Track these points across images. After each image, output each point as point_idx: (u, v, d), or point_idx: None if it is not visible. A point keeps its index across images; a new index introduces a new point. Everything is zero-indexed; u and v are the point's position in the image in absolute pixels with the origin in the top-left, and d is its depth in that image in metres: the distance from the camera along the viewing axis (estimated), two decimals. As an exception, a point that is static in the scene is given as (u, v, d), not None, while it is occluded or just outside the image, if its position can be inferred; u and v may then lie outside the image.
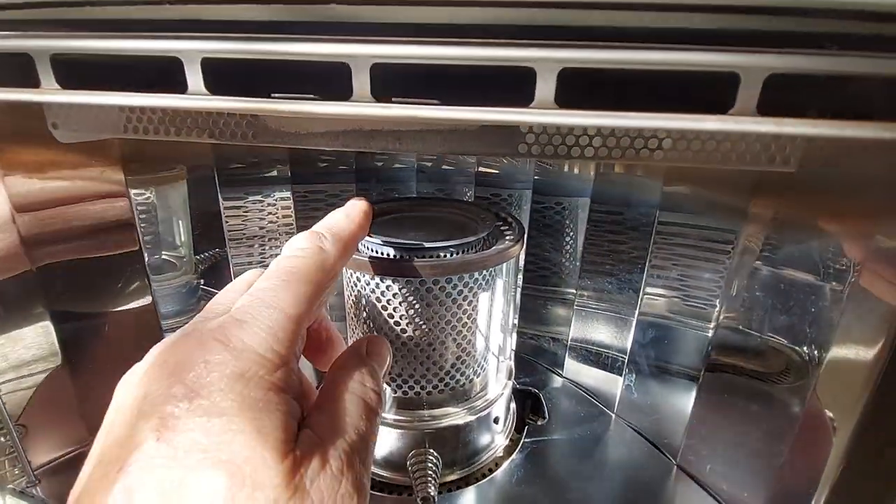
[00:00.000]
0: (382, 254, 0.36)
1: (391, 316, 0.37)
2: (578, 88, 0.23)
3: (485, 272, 0.38)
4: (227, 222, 0.51)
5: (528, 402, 0.50)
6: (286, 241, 0.54)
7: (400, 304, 0.37)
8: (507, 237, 0.39)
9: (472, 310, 0.38)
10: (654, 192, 0.41)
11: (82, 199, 0.39)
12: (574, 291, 0.51)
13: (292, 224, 0.56)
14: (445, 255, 0.36)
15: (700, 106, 0.22)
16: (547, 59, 0.20)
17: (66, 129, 0.31)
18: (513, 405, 0.48)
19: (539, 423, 0.47)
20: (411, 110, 0.20)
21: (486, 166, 0.56)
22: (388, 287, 0.36)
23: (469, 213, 0.43)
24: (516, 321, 0.55)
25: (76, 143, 0.37)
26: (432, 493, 0.34)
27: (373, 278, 0.37)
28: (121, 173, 0.40)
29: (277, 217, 0.54)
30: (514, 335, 0.47)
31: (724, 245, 0.37)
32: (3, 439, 0.38)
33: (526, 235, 0.44)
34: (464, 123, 0.26)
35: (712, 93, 0.24)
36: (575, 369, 0.53)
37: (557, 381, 0.54)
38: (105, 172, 0.40)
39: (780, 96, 0.20)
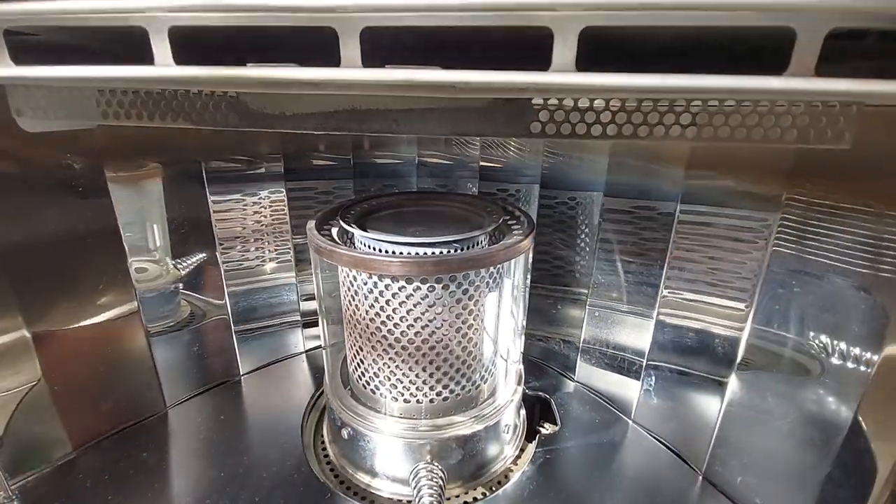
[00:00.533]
0: (381, 251, 0.33)
1: (391, 318, 0.34)
2: (601, 57, 0.20)
3: (492, 269, 0.35)
4: (216, 223, 0.48)
5: (539, 409, 0.47)
6: (279, 241, 0.53)
7: (400, 304, 0.34)
8: (516, 232, 0.36)
9: (479, 310, 0.35)
10: (675, 182, 0.37)
11: (58, 198, 0.36)
12: (586, 291, 0.48)
13: (286, 223, 0.53)
14: (449, 252, 0.33)
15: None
16: (567, 17, 0.17)
17: (33, 117, 0.28)
18: (522, 412, 0.45)
19: (551, 430, 0.44)
20: (410, 73, 0.17)
21: (490, 160, 0.53)
22: (387, 286, 0.33)
23: (474, 207, 0.40)
24: (524, 323, 0.52)
25: (47, 134, 0.34)
26: (437, 512, 0.31)
27: (370, 277, 0.34)
28: (100, 170, 0.38)
29: (269, 215, 0.51)
30: (523, 338, 0.43)
31: (755, 236, 0.34)
32: (-26, 454, 0.35)
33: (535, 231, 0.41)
34: (469, 101, 0.23)
35: (753, 56, 0.20)
36: (587, 373, 0.50)
37: (569, 386, 0.50)
38: (82, 168, 0.37)
39: (840, 55, 0.17)
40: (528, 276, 0.40)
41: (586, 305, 0.48)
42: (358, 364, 0.38)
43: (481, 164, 0.53)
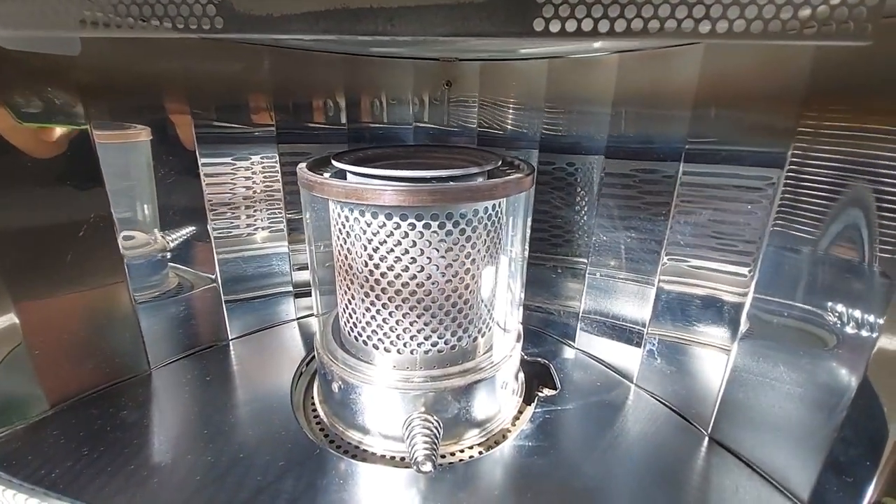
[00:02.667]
0: (375, 185, 0.31)
1: (384, 259, 0.32)
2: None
3: (490, 211, 0.34)
4: (206, 188, 0.46)
5: (538, 374, 0.46)
6: (271, 209, 0.51)
7: (395, 245, 0.32)
8: (516, 172, 0.34)
9: (476, 253, 0.34)
10: (680, 125, 0.36)
11: (38, 139, 0.35)
12: (585, 260, 0.46)
13: (278, 189, 0.51)
14: (447, 182, 0.31)
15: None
16: None
17: (8, 27, 0.27)
18: (521, 375, 0.43)
19: (549, 394, 0.42)
20: None
21: (488, 126, 0.52)
22: (381, 225, 0.32)
23: (472, 157, 0.38)
24: (523, 294, 0.50)
25: (29, 63, 0.33)
26: (431, 459, 0.29)
27: (363, 214, 0.32)
28: (80, 105, 0.36)
29: (260, 181, 0.49)
30: (523, 294, 0.42)
31: (760, 195, 0.32)
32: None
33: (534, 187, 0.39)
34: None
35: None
36: (588, 341, 0.48)
37: (569, 353, 0.49)
38: (63, 103, 0.35)
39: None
40: (529, 225, 0.38)
41: (586, 273, 0.46)
42: (350, 315, 0.37)
43: (479, 130, 0.52)
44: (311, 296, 0.54)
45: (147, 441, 0.36)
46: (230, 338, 0.49)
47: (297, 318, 0.54)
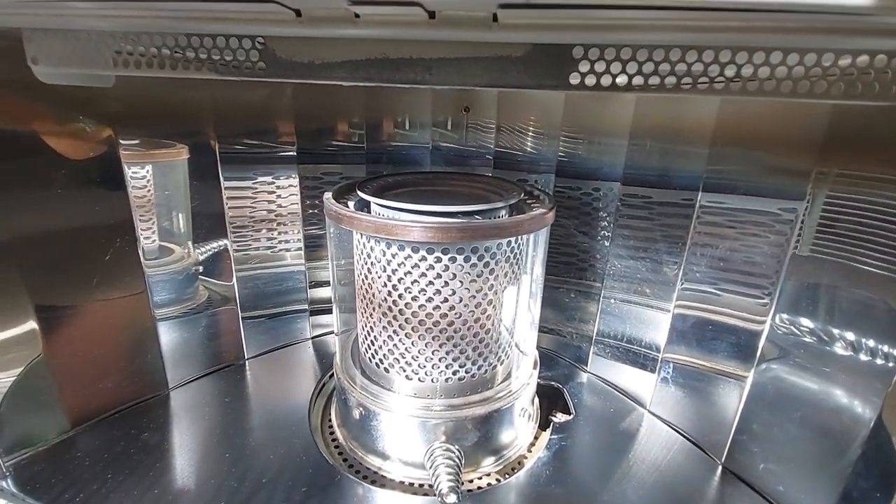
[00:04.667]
0: (399, 218, 0.32)
1: (409, 290, 0.33)
2: None
3: (513, 245, 0.34)
4: (227, 206, 0.46)
5: (551, 398, 0.46)
6: (291, 227, 0.52)
7: (420, 277, 0.33)
8: (538, 206, 0.35)
9: (499, 286, 0.34)
10: (697, 162, 0.37)
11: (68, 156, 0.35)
12: (600, 284, 0.47)
13: (297, 208, 0.52)
14: (473, 219, 0.32)
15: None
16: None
17: (48, 65, 0.27)
18: (536, 400, 0.44)
19: (564, 420, 0.43)
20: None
21: (505, 147, 0.52)
22: (406, 257, 0.32)
23: (492, 186, 0.39)
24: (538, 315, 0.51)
25: (63, 95, 0.34)
26: (456, 491, 0.30)
27: (388, 247, 0.33)
28: (110, 131, 0.37)
29: (282, 200, 0.50)
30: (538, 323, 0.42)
31: (780, 222, 0.33)
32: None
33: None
34: (508, 48, 0.23)
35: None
36: (601, 365, 0.49)
37: (582, 377, 0.49)
38: (94, 131, 0.36)
39: None
40: (546, 256, 0.39)
41: (601, 297, 0.47)
42: (371, 342, 0.37)
43: (496, 153, 0.53)
44: (326, 314, 0.55)
45: (170, 464, 0.36)
46: (247, 357, 0.50)
47: (312, 338, 0.54)
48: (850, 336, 0.30)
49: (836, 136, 0.29)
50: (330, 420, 0.42)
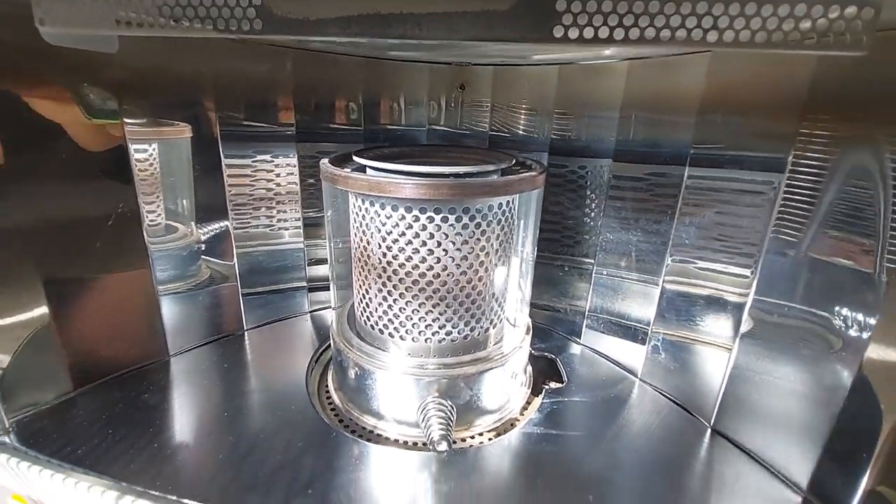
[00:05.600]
0: (394, 179, 0.33)
1: (402, 250, 0.34)
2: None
3: (504, 207, 0.35)
4: (228, 184, 0.47)
5: (545, 368, 0.47)
6: (290, 206, 0.53)
7: (413, 237, 0.34)
8: (530, 172, 0.36)
9: (490, 248, 0.35)
10: (686, 131, 0.38)
11: (74, 128, 0.36)
12: (592, 260, 0.48)
13: (296, 187, 0.53)
14: (465, 177, 0.32)
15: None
16: None
17: (54, 25, 0.28)
18: (529, 368, 0.45)
19: (556, 386, 0.44)
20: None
21: (499, 129, 0.53)
22: (400, 218, 0.33)
23: (487, 156, 0.40)
24: (530, 292, 0.52)
25: (69, 59, 0.35)
26: (446, 438, 0.31)
27: (382, 207, 0.34)
28: (115, 101, 0.38)
29: (281, 179, 0.51)
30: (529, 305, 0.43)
31: (764, 188, 0.34)
32: (-26, 380, 0.34)
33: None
34: (494, 3, 0.24)
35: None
36: (594, 337, 0.50)
37: (575, 349, 0.50)
38: (100, 97, 0.37)
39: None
40: (539, 222, 0.40)
41: (593, 273, 0.48)
42: (366, 305, 0.38)
43: (491, 132, 0.54)
44: (323, 290, 0.56)
45: (169, 422, 0.37)
46: (246, 328, 0.51)
47: (310, 311, 0.55)
48: (827, 302, 0.31)
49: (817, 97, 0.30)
50: (327, 385, 0.43)
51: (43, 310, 0.37)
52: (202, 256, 0.48)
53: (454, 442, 0.36)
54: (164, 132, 0.44)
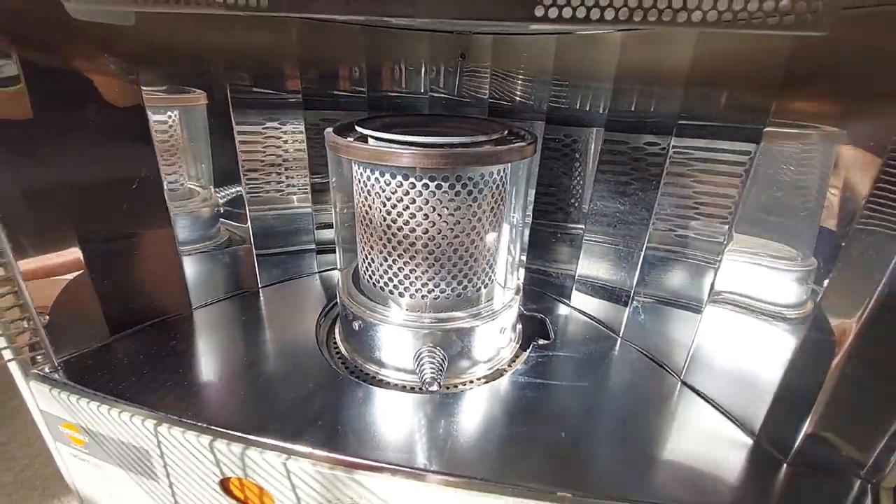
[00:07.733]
0: (392, 149, 0.36)
1: (400, 214, 0.37)
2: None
3: (496, 176, 0.38)
4: (240, 150, 0.50)
5: (534, 327, 0.51)
6: (298, 172, 0.56)
7: (410, 203, 0.36)
8: (521, 142, 0.38)
9: (482, 213, 0.38)
10: (673, 101, 0.39)
11: (97, 96, 0.39)
12: (582, 226, 0.50)
13: (304, 153, 0.55)
14: (458, 147, 0.35)
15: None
16: None
17: (78, 0, 0.31)
18: (519, 326, 0.49)
19: (543, 343, 0.47)
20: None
21: (499, 97, 0.55)
22: (399, 185, 0.36)
23: (482, 126, 0.42)
24: (524, 257, 0.55)
25: (91, 31, 0.37)
26: (437, 380, 0.35)
27: (382, 174, 0.36)
28: (134, 72, 0.40)
29: (289, 146, 0.54)
30: (522, 269, 0.46)
31: (740, 158, 0.36)
32: (26, 324, 0.39)
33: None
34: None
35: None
36: (582, 300, 0.53)
37: (564, 310, 0.54)
38: (119, 67, 0.40)
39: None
40: (533, 188, 0.42)
41: (582, 240, 0.50)
42: (369, 265, 0.42)
43: (490, 100, 0.55)
44: (331, 253, 0.60)
45: (196, 364, 0.42)
46: (260, 286, 0.55)
47: (319, 272, 0.59)
48: (786, 259, 0.34)
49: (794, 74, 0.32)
50: (334, 337, 0.48)
51: (80, 263, 0.41)
52: (220, 220, 0.52)
53: (445, 391, 0.40)
54: (181, 99, 0.47)
